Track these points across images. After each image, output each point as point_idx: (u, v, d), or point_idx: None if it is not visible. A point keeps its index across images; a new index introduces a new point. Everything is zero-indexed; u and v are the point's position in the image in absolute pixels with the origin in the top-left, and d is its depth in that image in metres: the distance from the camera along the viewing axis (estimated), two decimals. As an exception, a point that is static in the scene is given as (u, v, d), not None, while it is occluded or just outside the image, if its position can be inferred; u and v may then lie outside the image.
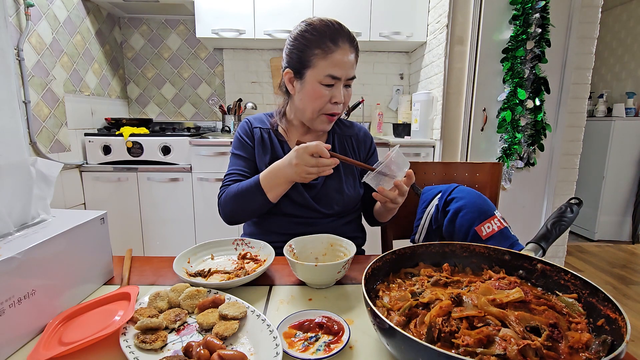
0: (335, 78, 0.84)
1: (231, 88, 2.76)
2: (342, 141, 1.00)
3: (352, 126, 1.05)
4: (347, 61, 0.84)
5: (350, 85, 0.89)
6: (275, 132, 0.97)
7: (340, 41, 0.83)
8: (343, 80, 0.85)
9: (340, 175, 0.95)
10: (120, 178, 2.11)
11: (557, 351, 0.37)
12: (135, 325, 0.46)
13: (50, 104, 1.91)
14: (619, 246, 2.97)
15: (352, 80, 0.89)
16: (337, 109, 0.88)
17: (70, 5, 2.08)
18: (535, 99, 1.95)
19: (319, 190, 0.92)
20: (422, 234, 1.12)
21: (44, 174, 0.59)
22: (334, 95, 0.86)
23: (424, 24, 2.32)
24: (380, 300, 0.48)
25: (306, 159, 0.73)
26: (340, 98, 0.86)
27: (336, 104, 0.87)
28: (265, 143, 0.96)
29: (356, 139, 1.02)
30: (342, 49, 0.83)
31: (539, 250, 0.58)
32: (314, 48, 0.83)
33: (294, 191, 0.90)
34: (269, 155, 0.94)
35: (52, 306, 0.50)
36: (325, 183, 0.93)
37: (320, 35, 0.83)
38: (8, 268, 0.43)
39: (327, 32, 0.83)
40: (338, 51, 0.83)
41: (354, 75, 0.88)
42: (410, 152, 2.19)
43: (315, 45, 0.83)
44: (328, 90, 0.85)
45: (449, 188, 1.08)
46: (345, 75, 0.85)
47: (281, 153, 0.94)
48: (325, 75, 0.83)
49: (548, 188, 2.18)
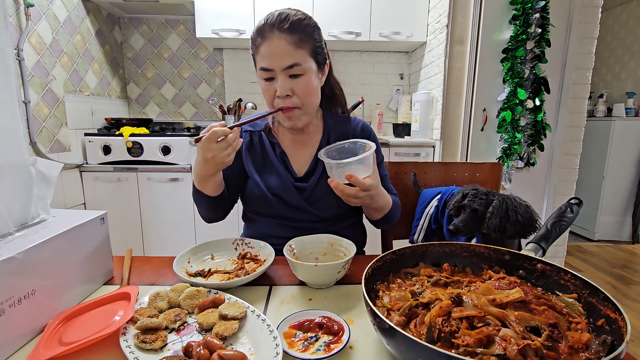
0: (267, 70, 0.79)
1: (231, 88, 2.76)
2: (337, 139, 0.95)
3: (349, 121, 1.00)
4: (275, 50, 0.78)
5: (299, 74, 0.80)
6: (268, 134, 0.95)
7: (267, 32, 0.78)
8: (279, 71, 0.79)
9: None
10: (120, 178, 2.11)
11: (557, 351, 0.37)
12: (135, 325, 0.46)
13: (50, 104, 1.91)
14: (619, 246, 2.97)
15: (300, 68, 0.80)
16: (284, 102, 0.82)
17: (70, 5, 2.08)
18: (535, 99, 1.95)
19: (311, 192, 0.90)
20: (421, 234, 1.12)
21: (44, 174, 0.59)
22: (276, 88, 0.80)
23: (424, 24, 2.32)
24: (380, 300, 0.48)
25: (214, 148, 0.70)
26: (280, 91, 0.80)
27: (280, 98, 0.81)
28: (254, 147, 0.94)
29: (353, 135, 0.98)
30: (268, 39, 0.78)
31: (539, 250, 0.58)
32: (251, 46, 0.83)
33: (287, 193, 0.88)
34: (260, 158, 0.93)
35: (52, 306, 0.50)
36: (318, 184, 0.90)
37: (254, 33, 0.81)
38: (8, 268, 0.43)
39: (258, 28, 0.80)
40: (264, 42, 0.79)
41: (293, 63, 0.78)
42: (410, 152, 2.19)
43: (252, 43, 0.82)
44: (270, 84, 0.81)
45: (448, 189, 1.09)
46: (277, 65, 0.78)
47: (272, 154, 0.92)
48: (259, 70, 0.81)
49: (548, 188, 2.18)
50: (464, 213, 0.79)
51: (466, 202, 0.79)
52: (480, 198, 0.78)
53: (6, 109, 1.52)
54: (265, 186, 0.90)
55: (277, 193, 0.89)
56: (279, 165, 0.92)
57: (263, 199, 0.90)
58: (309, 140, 0.95)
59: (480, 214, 0.76)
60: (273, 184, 0.90)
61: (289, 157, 0.93)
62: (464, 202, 0.80)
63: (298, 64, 0.79)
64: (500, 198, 0.76)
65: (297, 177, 0.92)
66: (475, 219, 0.78)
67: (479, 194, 0.79)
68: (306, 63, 0.80)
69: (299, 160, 0.94)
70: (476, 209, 0.77)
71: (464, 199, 0.80)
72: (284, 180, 0.90)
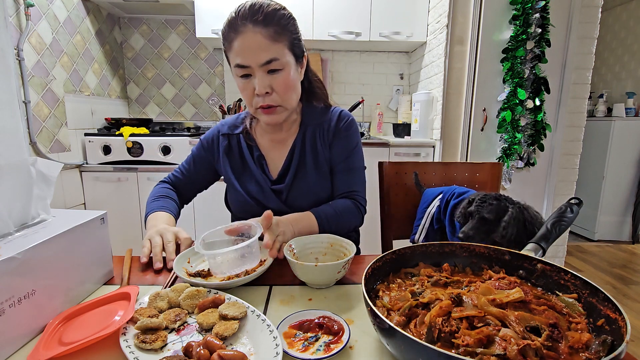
0: (242, 67, 0.74)
1: (231, 88, 2.76)
2: (313, 133, 0.91)
3: (325, 112, 0.94)
4: (250, 45, 0.72)
5: (277, 69, 0.75)
6: (246, 136, 0.91)
7: (239, 25, 0.72)
8: (256, 67, 0.74)
9: (307, 175, 0.88)
10: (120, 178, 2.11)
11: (557, 351, 0.37)
12: (135, 325, 0.46)
13: (50, 104, 1.91)
14: (619, 246, 2.97)
15: (278, 63, 0.74)
16: (264, 100, 0.77)
17: (70, 5, 2.08)
18: (535, 99, 1.95)
19: (288, 194, 0.88)
20: (422, 234, 1.12)
21: (44, 174, 0.59)
22: (254, 85, 0.76)
23: (424, 24, 2.32)
24: (380, 300, 0.48)
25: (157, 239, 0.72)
26: (257, 88, 0.75)
27: (259, 96, 0.77)
28: (232, 151, 0.92)
29: (328, 124, 0.91)
30: (242, 33, 0.72)
31: (539, 250, 0.58)
32: (224, 42, 0.77)
33: (266, 198, 0.87)
34: (238, 163, 0.91)
35: (52, 306, 0.50)
36: (292, 185, 0.88)
37: (225, 27, 0.75)
38: (8, 268, 0.43)
39: (229, 21, 0.74)
40: (238, 38, 0.72)
41: (271, 58, 0.73)
42: (410, 152, 2.19)
43: (224, 39, 0.76)
44: (247, 82, 0.76)
45: (450, 189, 1.08)
46: (253, 61, 0.73)
47: (250, 158, 0.90)
48: (234, 67, 0.76)
49: (548, 188, 2.18)
50: (472, 220, 0.76)
51: (473, 208, 0.77)
52: (490, 204, 0.75)
53: (6, 109, 1.52)
54: (245, 192, 0.89)
55: (257, 198, 0.88)
56: (256, 169, 0.90)
57: (244, 205, 0.89)
58: (286, 139, 0.92)
59: (490, 220, 0.74)
60: (252, 189, 0.89)
61: (266, 159, 0.91)
62: (470, 209, 0.78)
63: (276, 59, 0.74)
64: (517, 208, 0.73)
65: (273, 179, 0.90)
66: (485, 225, 0.75)
67: (487, 198, 0.76)
68: (284, 57, 0.75)
69: (275, 160, 0.92)
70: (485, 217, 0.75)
71: (470, 205, 0.79)
72: (262, 185, 0.89)
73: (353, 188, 0.91)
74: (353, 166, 0.91)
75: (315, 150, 0.90)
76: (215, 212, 2.12)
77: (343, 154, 0.91)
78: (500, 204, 0.75)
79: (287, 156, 0.90)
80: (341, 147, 0.91)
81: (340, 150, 0.91)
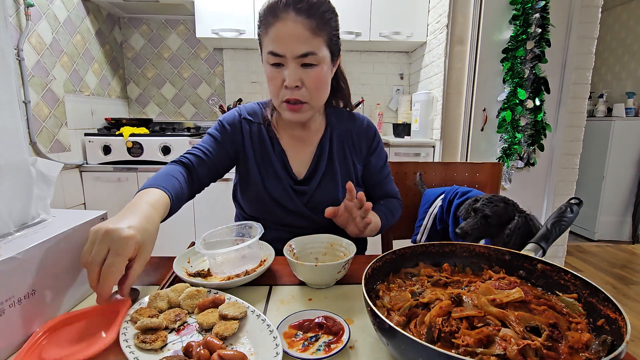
0: (277, 55, 0.70)
1: (231, 88, 2.76)
2: (340, 138, 0.89)
3: (353, 119, 0.93)
4: (289, 33, 0.69)
5: (312, 64, 0.72)
6: (267, 127, 0.87)
7: (281, 11, 0.69)
8: (291, 58, 0.70)
9: (337, 179, 0.86)
10: (120, 178, 2.11)
11: (557, 351, 0.37)
12: (135, 325, 0.46)
13: (50, 104, 1.91)
14: (619, 246, 2.97)
15: (314, 58, 0.71)
16: (292, 94, 0.74)
17: (70, 5, 2.08)
18: (535, 99, 1.95)
19: (312, 196, 0.84)
20: (424, 235, 1.12)
21: (44, 174, 0.59)
22: (284, 77, 0.72)
23: (424, 24, 2.32)
24: (380, 300, 0.48)
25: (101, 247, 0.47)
26: (288, 80, 0.71)
27: (288, 89, 0.73)
28: (253, 139, 0.85)
29: (357, 133, 0.90)
30: (282, 20, 0.69)
31: (539, 250, 0.58)
32: (260, 26, 0.73)
33: (286, 198, 0.83)
34: (258, 153, 0.85)
35: (52, 306, 0.50)
36: (318, 188, 0.85)
37: (264, 10, 0.71)
38: (8, 268, 0.43)
39: (270, 4, 0.70)
40: (277, 23, 0.69)
41: (308, 51, 0.70)
42: (410, 152, 2.19)
43: (260, 23, 0.73)
44: (277, 72, 0.72)
45: (452, 189, 1.08)
46: (290, 52, 0.70)
47: (272, 152, 0.85)
48: (267, 53, 0.72)
49: (548, 188, 2.18)
50: (474, 217, 0.75)
51: (479, 205, 0.76)
52: (496, 205, 0.74)
53: (6, 109, 1.52)
54: (264, 188, 0.84)
55: (276, 197, 0.84)
56: (277, 165, 0.85)
57: (260, 202, 0.84)
58: (310, 138, 0.88)
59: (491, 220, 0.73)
60: (272, 186, 0.84)
61: (288, 157, 0.86)
62: (476, 206, 0.76)
63: (313, 53, 0.70)
64: (523, 217, 0.72)
65: (297, 179, 0.86)
66: (485, 225, 0.74)
67: (495, 199, 0.75)
68: (321, 52, 0.72)
69: (298, 160, 0.87)
70: (488, 215, 0.73)
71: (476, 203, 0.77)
72: (283, 183, 0.84)
73: (393, 190, 0.98)
74: (388, 172, 0.98)
75: (344, 156, 0.89)
76: (216, 212, 2.13)
77: (379, 165, 0.95)
78: (507, 208, 0.73)
79: (314, 157, 0.87)
80: (377, 160, 0.94)
81: (377, 163, 0.95)
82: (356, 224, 0.73)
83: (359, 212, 0.72)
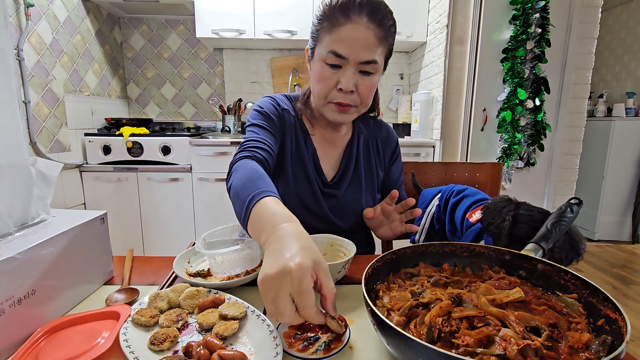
0: (340, 57, 0.68)
1: (231, 88, 2.76)
2: (366, 144, 0.89)
3: (380, 126, 0.93)
4: (358, 38, 0.67)
5: (369, 73, 0.71)
6: (301, 122, 0.83)
7: (354, 13, 0.66)
8: (353, 63, 0.69)
9: (361, 184, 0.85)
10: (120, 178, 2.11)
11: (557, 351, 0.37)
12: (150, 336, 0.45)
13: (50, 104, 1.91)
14: (619, 246, 2.97)
15: (374, 67, 0.70)
16: (344, 98, 0.72)
17: (70, 5, 2.08)
18: (535, 99, 1.95)
19: (338, 200, 0.82)
20: (422, 235, 1.12)
21: (44, 174, 0.59)
22: (339, 79, 0.70)
23: (424, 24, 2.32)
24: (380, 300, 0.48)
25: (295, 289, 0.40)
26: (345, 84, 0.70)
27: (342, 92, 0.72)
28: (297, 131, 0.81)
29: (382, 140, 0.91)
30: (353, 22, 0.67)
31: (539, 250, 0.58)
32: (324, 21, 0.70)
33: (312, 199, 0.80)
34: (293, 149, 0.81)
35: (52, 306, 0.50)
36: (346, 192, 0.83)
37: (332, 4, 0.68)
38: (8, 268, 0.43)
39: (341, 2, 0.68)
40: (347, 25, 0.67)
41: (372, 59, 0.69)
42: (410, 152, 2.19)
43: (324, 17, 0.70)
44: (333, 73, 0.70)
45: (448, 188, 1.08)
46: (355, 56, 0.68)
47: (303, 146, 0.81)
48: (327, 52, 0.69)
49: (548, 188, 2.18)
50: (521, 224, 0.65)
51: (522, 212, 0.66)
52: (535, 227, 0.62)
53: (6, 109, 1.52)
54: (293, 185, 0.79)
55: (302, 197, 0.80)
56: (309, 164, 0.81)
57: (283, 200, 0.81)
58: (338, 140, 0.87)
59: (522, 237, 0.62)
60: (301, 185, 0.80)
61: (319, 157, 0.83)
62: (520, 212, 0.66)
63: (375, 62, 0.70)
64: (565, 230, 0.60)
65: (327, 182, 0.83)
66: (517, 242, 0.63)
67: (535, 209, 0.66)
68: (380, 62, 0.72)
69: (328, 161, 0.85)
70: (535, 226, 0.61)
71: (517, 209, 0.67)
72: (312, 184, 0.80)
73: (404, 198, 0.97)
74: (402, 180, 1.00)
75: (369, 162, 0.89)
76: (215, 212, 2.13)
77: (398, 174, 0.97)
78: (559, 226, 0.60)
79: (343, 160, 0.85)
80: (397, 168, 0.97)
81: (396, 172, 0.97)
82: (391, 228, 0.77)
83: (398, 217, 0.75)
